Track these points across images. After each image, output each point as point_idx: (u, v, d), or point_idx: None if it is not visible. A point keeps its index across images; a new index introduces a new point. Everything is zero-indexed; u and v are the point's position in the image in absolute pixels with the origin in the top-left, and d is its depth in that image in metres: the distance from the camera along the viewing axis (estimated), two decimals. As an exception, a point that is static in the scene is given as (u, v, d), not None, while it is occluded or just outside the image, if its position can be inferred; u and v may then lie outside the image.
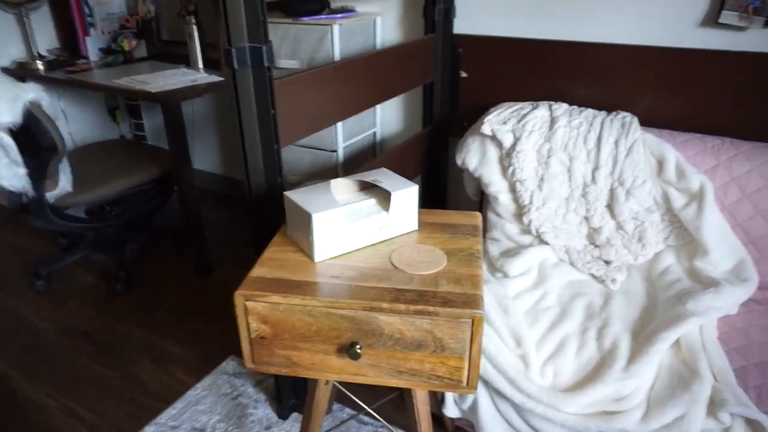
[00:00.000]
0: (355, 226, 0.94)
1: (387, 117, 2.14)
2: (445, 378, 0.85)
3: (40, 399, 1.50)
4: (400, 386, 0.87)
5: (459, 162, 1.62)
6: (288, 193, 0.96)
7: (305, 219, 0.90)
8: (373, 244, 0.97)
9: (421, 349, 0.83)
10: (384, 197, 1.02)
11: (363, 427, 1.38)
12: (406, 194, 0.98)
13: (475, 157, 1.58)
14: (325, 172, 2.00)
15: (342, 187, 1.05)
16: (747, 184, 1.32)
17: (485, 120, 1.54)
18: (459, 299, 0.81)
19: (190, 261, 2.19)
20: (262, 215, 1.17)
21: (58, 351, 1.69)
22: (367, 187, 1.08)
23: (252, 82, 1.04)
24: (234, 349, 1.67)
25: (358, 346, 0.83)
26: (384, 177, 1.03)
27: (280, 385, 1.39)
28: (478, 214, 1.09)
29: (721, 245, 1.30)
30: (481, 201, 1.75)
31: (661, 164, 1.38)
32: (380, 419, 1.11)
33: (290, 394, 1.41)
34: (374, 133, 2.15)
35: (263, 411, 1.43)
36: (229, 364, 1.60)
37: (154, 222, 2.49)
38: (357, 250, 0.96)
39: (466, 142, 1.61)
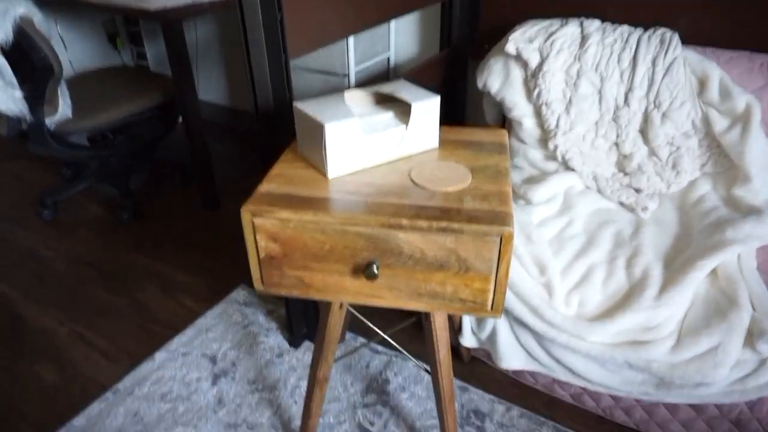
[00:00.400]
0: (371, 140, 0.86)
1: (401, 40, 2.00)
2: (469, 301, 0.79)
3: (50, 325, 1.49)
4: (419, 309, 0.82)
5: (480, 85, 1.51)
6: (298, 104, 0.87)
7: (317, 130, 0.82)
8: (391, 161, 0.89)
9: (444, 269, 0.77)
10: (403, 111, 0.93)
11: (376, 356, 1.35)
12: (428, 106, 0.89)
13: (498, 78, 1.46)
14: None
15: (357, 99, 0.96)
16: (797, 105, 1.20)
17: (510, 38, 1.42)
18: (486, 216, 0.74)
19: (196, 193, 2.13)
20: (270, 133, 1.09)
21: (66, 279, 1.66)
22: (384, 101, 0.99)
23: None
24: (244, 280, 1.64)
25: (375, 266, 0.76)
26: (403, 88, 0.94)
27: (291, 314, 1.35)
28: (504, 131, 1.00)
29: (765, 171, 1.20)
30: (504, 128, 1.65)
31: (702, 84, 1.27)
32: (396, 345, 1.06)
33: (301, 322, 1.38)
34: (388, 58, 2.02)
35: (274, 339, 1.41)
36: (239, 294, 1.57)
37: (159, 153, 2.42)
38: (373, 166, 0.88)
39: (488, 63, 1.49)
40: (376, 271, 0.76)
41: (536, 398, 1.25)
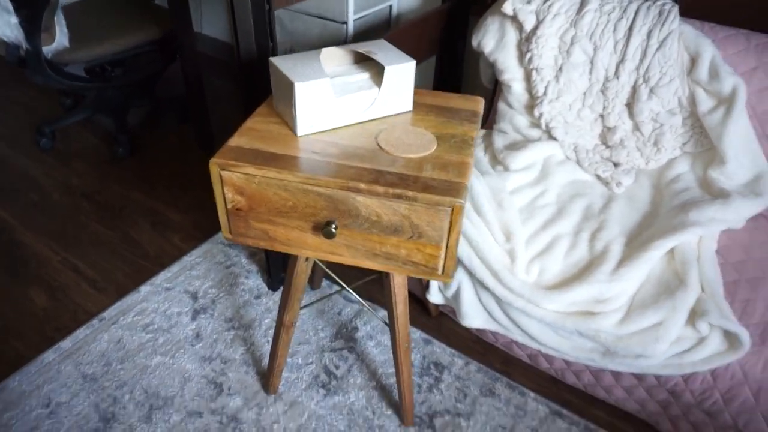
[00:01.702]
0: (342, 101, 0.88)
1: (405, -11, 1.96)
2: (421, 264, 0.83)
3: (44, 253, 1.56)
4: (375, 268, 0.86)
5: (474, 44, 1.49)
6: (274, 59, 0.88)
7: (288, 88, 0.84)
8: (362, 122, 0.91)
9: (398, 234, 0.80)
10: (378, 72, 0.95)
11: (348, 305, 1.42)
12: (402, 70, 0.90)
13: (492, 39, 1.45)
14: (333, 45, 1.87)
15: (334, 57, 0.97)
16: (786, 90, 1.19)
17: (508, -3, 1.39)
18: (441, 186, 0.77)
19: (193, 131, 2.16)
20: (252, 83, 1.10)
21: (61, 208, 1.72)
22: (362, 60, 1.00)
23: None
24: (231, 221, 1.69)
25: (333, 226, 0.80)
26: (380, 49, 0.94)
27: (270, 259, 1.41)
28: (480, 99, 1.01)
29: (742, 156, 1.21)
30: (495, 91, 1.64)
31: (694, 61, 1.25)
32: (358, 298, 1.12)
33: (280, 267, 1.44)
34: (390, 6, 1.98)
35: (254, 281, 1.47)
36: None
37: (159, 89, 2.42)
38: (343, 126, 0.90)
39: (485, 22, 1.47)
40: (333, 231, 0.80)
41: (495, 356, 1.33)
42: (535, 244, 1.14)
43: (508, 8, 1.38)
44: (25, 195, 1.78)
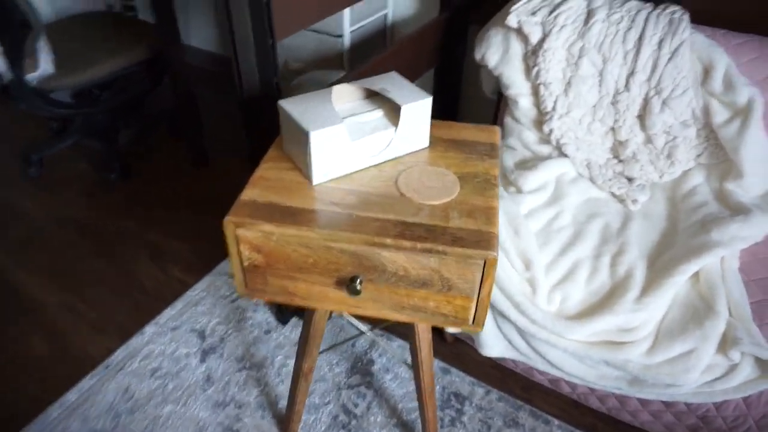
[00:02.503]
0: (358, 144, 0.83)
1: (399, -3, 1.90)
2: (450, 316, 0.80)
3: (39, 293, 1.50)
4: (402, 320, 0.82)
5: (477, 57, 1.45)
6: (283, 103, 0.83)
7: (302, 136, 0.79)
8: (378, 164, 0.87)
9: (426, 287, 0.76)
10: (393, 108, 0.90)
11: (361, 335, 1.38)
12: (418, 107, 0.86)
13: (497, 52, 1.40)
14: (329, 60, 1.82)
15: (345, 94, 0.92)
16: (802, 99, 1.17)
17: (511, 9, 1.34)
18: (471, 237, 0.73)
19: (185, 149, 2.09)
20: (257, 121, 1.05)
21: (54, 243, 1.66)
22: (373, 94, 0.95)
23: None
24: (233, 249, 1.64)
25: (358, 282, 0.76)
26: (393, 84, 0.90)
27: (279, 291, 1.36)
28: (497, 128, 0.97)
29: (759, 168, 1.18)
30: (499, 101, 1.60)
31: (707, 72, 1.22)
32: (381, 342, 1.09)
33: (290, 299, 1.40)
34: (385, 15, 1.92)
35: (262, 315, 1.43)
36: (227, 264, 1.58)
37: (148, 105, 2.34)
38: (359, 170, 0.85)
39: (488, 35, 1.43)
40: (359, 287, 0.76)
41: (515, 382, 1.30)
42: (555, 272, 1.11)
43: (512, 21, 1.34)
44: (15, 230, 1.71)
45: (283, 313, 1.40)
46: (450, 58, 1.78)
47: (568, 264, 1.11)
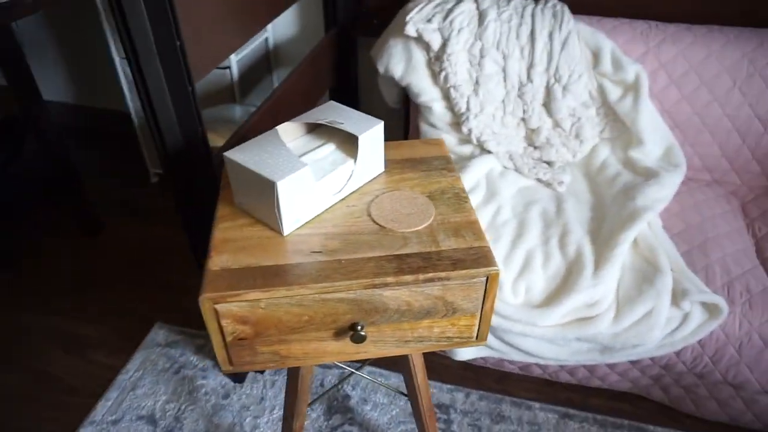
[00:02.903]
0: (322, 183, 0.78)
1: (277, 19, 1.84)
2: (455, 337, 0.78)
3: (-75, 425, 1.22)
4: (405, 354, 0.79)
5: (381, 69, 1.45)
6: (231, 155, 0.76)
7: (265, 187, 0.72)
8: (343, 199, 0.83)
9: (430, 315, 0.74)
10: (343, 139, 0.86)
11: (328, 371, 1.31)
12: (373, 134, 0.82)
13: (400, 62, 1.41)
14: (221, 94, 1.71)
15: (288, 132, 0.86)
16: (674, 69, 1.33)
17: (407, 19, 1.36)
18: (468, 256, 0.72)
19: (67, 219, 1.84)
20: (187, 179, 0.94)
21: (-71, 361, 1.37)
22: (315, 128, 0.90)
23: (143, 5, 0.77)
24: (158, 316, 1.47)
25: (359, 328, 0.72)
26: (338, 114, 0.85)
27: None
28: (442, 140, 0.97)
29: (654, 134, 1.32)
30: (407, 109, 1.62)
31: (596, 56, 1.33)
32: (372, 379, 1.04)
33: (243, 355, 1.29)
34: (266, 39, 1.85)
35: (214, 379, 1.30)
36: (157, 334, 1.41)
37: (9, 177, 2.02)
38: (326, 210, 0.80)
39: (387, 46, 1.43)
40: (363, 333, 0.72)
41: (488, 377, 1.32)
42: (512, 265, 1.14)
43: (411, 30, 1.35)
44: None
45: (237, 371, 1.28)
46: (344, 75, 1.76)
47: (522, 255, 1.15)
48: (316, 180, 0.77)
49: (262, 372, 1.32)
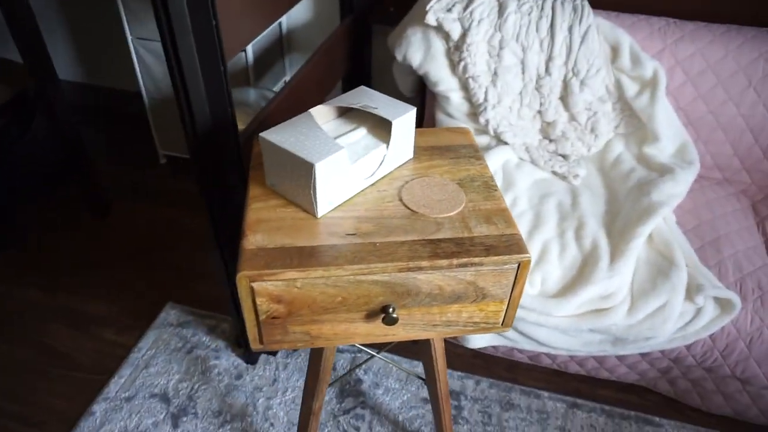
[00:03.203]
0: (356, 167, 0.79)
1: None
2: (482, 323, 0.79)
3: (-64, 399, 1.22)
4: (432, 338, 0.80)
5: (399, 57, 1.45)
6: (267, 135, 0.76)
7: (302, 169, 0.73)
8: (374, 184, 0.83)
9: (460, 300, 0.75)
10: (373, 123, 0.86)
11: (339, 356, 1.33)
12: (406, 120, 0.83)
13: (419, 51, 1.41)
14: (235, 77, 1.70)
15: (321, 115, 0.86)
16: (690, 67, 1.34)
17: (428, 8, 1.36)
18: (500, 243, 0.73)
19: (76, 199, 1.83)
20: (214, 160, 0.95)
21: (-62, 335, 1.36)
22: (346, 112, 0.90)
23: (182, -18, 0.76)
24: (170, 296, 1.48)
25: (392, 310, 0.73)
26: (370, 99, 0.86)
27: (244, 329, 1.26)
28: (468, 129, 0.98)
29: (670, 130, 1.34)
30: (423, 98, 1.62)
31: (615, 51, 1.34)
32: (388, 360, 1.05)
33: (256, 338, 1.30)
34: (279, 24, 1.84)
35: (227, 360, 1.31)
36: (169, 314, 1.42)
37: (18, 155, 2.00)
38: (357, 194, 0.81)
39: (405, 34, 1.43)
40: (395, 315, 0.73)
41: (498, 366, 1.34)
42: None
43: (431, 19, 1.35)
44: None
45: (251, 353, 1.29)
46: (358, 63, 1.76)
47: (538, 246, 1.17)
48: (351, 163, 0.78)
49: (274, 354, 1.33)
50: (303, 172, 0.73)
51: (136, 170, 1.95)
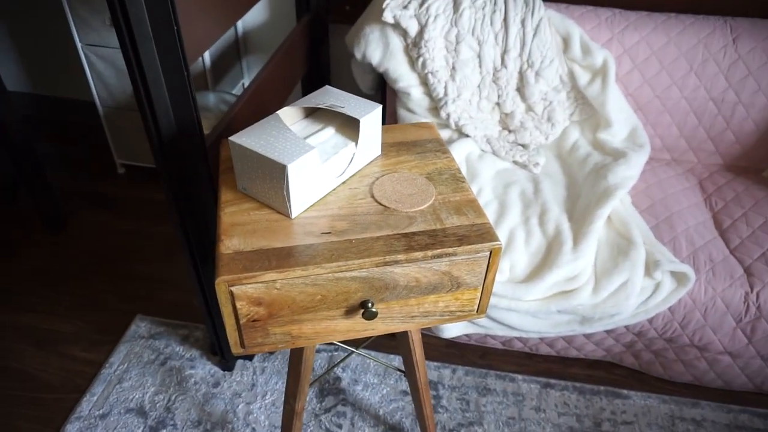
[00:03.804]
0: (326, 166, 0.79)
1: (247, 4, 1.81)
2: (458, 311, 0.82)
3: None
4: (410, 329, 0.82)
5: (358, 56, 1.46)
6: (236, 139, 0.76)
7: (274, 171, 0.73)
8: (345, 182, 0.84)
9: (437, 290, 0.77)
10: (341, 122, 0.88)
11: (317, 355, 1.33)
12: (373, 118, 0.85)
13: (377, 49, 1.43)
14: (194, 82, 1.67)
15: (288, 117, 0.87)
16: (636, 54, 1.40)
17: (384, 5, 1.38)
18: (472, 232, 0.75)
19: (31, 213, 1.76)
20: (181, 166, 0.94)
21: None
22: (312, 112, 0.91)
23: (139, -12, 0.75)
24: (137, 308, 1.45)
25: (370, 305, 0.74)
26: (336, 99, 0.87)
27: (219, 335, 1.25)
28: (432, 125, 1.00)
29: (621, 115, 1.40)
30: (383, 95, 1.63)
31: (566, 41, 1.39)
32: (370, 355, 1.06)
33: (231, 343, 1.29)
34: (235, 26, 1.82)
35: (203, 368, 1.29)
36: (139, 326, 1.39)
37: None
38: (329, 193, 0.82)
39: (364, 33, 1.44)
40: (374, 309, 0.74)
41: (472, 353, 1.37)
42: (496, 243, 1.19)
43: (388, 16, 1.37)
44: None
45: (227, 359, 1.28)
46: (315, 62, 1.76)
47: (505, 234, 1.21)
48: (321, 163, 0.78)
49: (251, 359, 1.32)
50: (275, 174, 0.73)
51: (93, 181, 1.90)
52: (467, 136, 1.42)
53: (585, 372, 1.35)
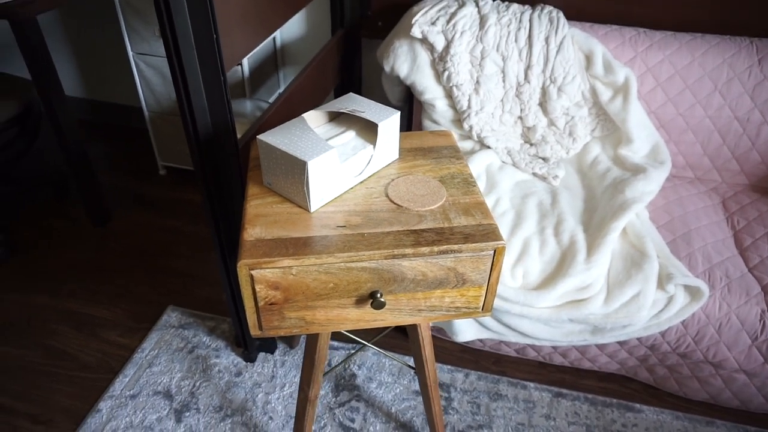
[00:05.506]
0: (345, 166, 0.86)
1: (286, 19, 1.92)
2: (463, 307, 0.86)
3: (-53, 400, 1.27)
4: (417, 323, 0.87)
5: (387, 69, 1.53)
6: (264, 138, 0.83)
7: (296, 167, 0.80)
8: (362, 182, 0.90)
9: (443, 285, 0.82)
10: (361, 126, 0.94)
11: (334, 352, 1.39)
12: (391, 123, 0.91)
13: (406, 62, 1.50)
14: (232, 89, 1.78)
15: (313, 120, 0.94)
16: (660, 73, 1.42)
17: (413, 21, 1.45)
18: (478, 232, 0.80)
19: (78, 208, 1.89)
20: (215, 163, 1.02)
21: (-52, 340, 1.42)
22: (336, 117, 0.98)
23: (185, 1, 0.84)
24: (170, 300, 1.54)
25: (379, 295, 0.79)
26: (358, 105, 0.93)
27: (244, 328, 1.32)
28: (450, 133, 1.05)
29: (642, 132, 1.42)
30: (410, 107, 1.70)
31: (588, 59, 1.43)
32: (382, 351, 1.11)
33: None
34: (274, 38, 1.92)
35: (227, 358, 1.37)
36: (170, 317, 1.48)
37: (24, 168, 2.07)
38: (347, 191, 0.88)
39: (393, 47, 1.51)
40: (383, 300, 0.79)
41: (486, 359, 1.40)
42: (511, 251, 1.23)
43: (416, 32, 1.44)
44: None
45: (250, 351, 1.35)
46: (348, 74, 1.84)
47: (520, 242, 1.24)
48: (341, 162, 0.85)
49: (272, 352, 1.39)
50: (297, 169, 0.80)
51: (136, 181, 2.02)
52: (488, 147, 1.46)
53: (598, 384, 1.36)
